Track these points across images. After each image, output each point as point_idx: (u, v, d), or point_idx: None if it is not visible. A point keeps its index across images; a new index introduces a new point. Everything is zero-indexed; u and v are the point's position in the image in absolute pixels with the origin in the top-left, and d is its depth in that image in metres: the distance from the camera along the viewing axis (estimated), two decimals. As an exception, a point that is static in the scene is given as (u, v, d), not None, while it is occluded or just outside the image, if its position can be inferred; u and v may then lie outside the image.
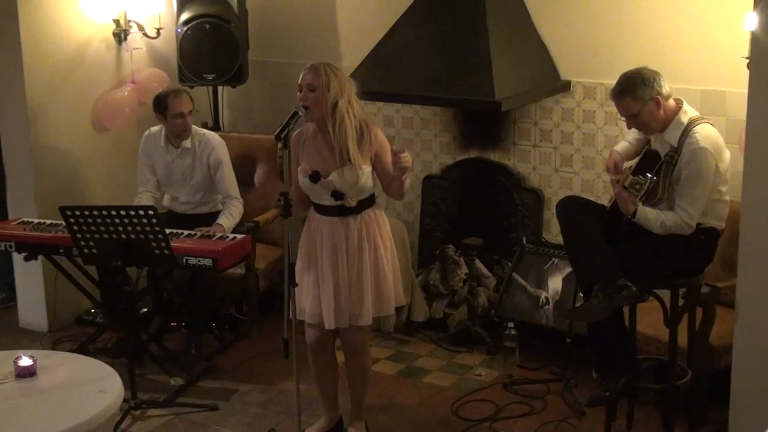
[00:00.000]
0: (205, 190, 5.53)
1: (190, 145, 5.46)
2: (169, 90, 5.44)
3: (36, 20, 5.60)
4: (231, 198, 5.48)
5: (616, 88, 4.17)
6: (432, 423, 4.75)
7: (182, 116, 5.37)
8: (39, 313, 5.88)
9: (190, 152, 5.47)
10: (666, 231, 4.10)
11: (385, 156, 4.27)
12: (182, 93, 5.41)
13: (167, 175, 5.53)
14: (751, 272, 3.84)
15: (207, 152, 5.46)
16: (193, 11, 5.94)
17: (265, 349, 5.52)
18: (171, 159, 5.49)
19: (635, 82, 4.11)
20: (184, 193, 5.54)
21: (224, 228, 5.27)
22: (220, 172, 5.47)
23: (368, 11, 5.97)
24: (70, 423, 3.69)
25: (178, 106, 5.35)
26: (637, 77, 4.12)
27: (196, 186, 5.52)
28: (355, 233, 4.28)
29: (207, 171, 5.48)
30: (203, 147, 5.47)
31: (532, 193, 5.61)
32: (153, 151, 5.53)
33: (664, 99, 4.13)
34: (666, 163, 4.12)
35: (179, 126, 5.39)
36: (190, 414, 4.85)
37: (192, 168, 5.49)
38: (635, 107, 4.13)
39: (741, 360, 3.92)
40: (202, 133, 5.53)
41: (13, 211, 5.82)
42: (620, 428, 4.53)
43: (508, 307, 5.45)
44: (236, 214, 5.43)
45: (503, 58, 5.14)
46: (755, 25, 3.67)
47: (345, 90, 4.19)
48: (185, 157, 5.48)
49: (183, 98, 5.38)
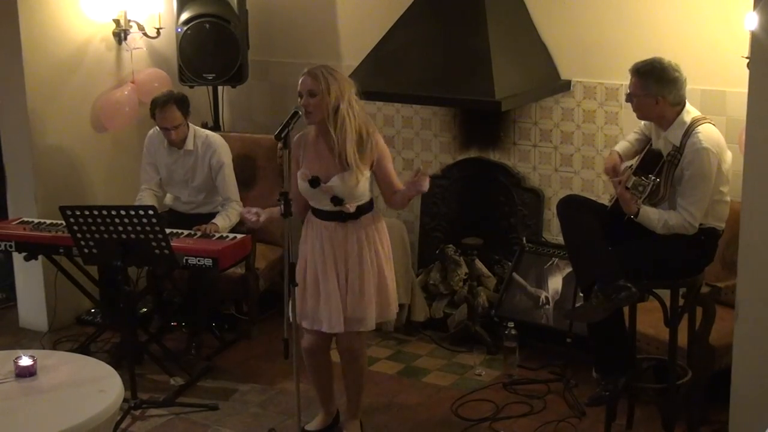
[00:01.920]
0: (207, 191, 5.53)
1: (192, 147, 5.45)
2: (159, 100, 5.33)
3: (36, 20, 5.60)
4: (230, 201, 5.47)
5: (638, 64, 4.19)
6: (432, 423, 4.75)
7: (166, 130, 5.34)
8: (39, 313, 5.88)
9: (192, 154, 5.47)
10: (669, 231, 4.10)
11: (385, 163, 4.27)
12: (169, 107, 5.29)
13: (169, 175, 5.53)
14: (751, 272, 3.84)
15: (209, 154, 5.45)
16: (193, 11, 5.94)
17: (265, 349, 5.52)
18: (173, 160, 5.49)
19: (653, 73, 4.12)
20: (186, 193, 5.54)
21: (218, 228, 5.26)
22: (221, 175, 5.46)
23: (368, 11, 5.97)
24: (70, 423, 3.70)
25: (162, 120, 5.32)
26: (658, 71, 4.12)
27: (197, 187, 5.52)
28: (354, 239, 4.28)
29: (209, 173, 5.48)
30: (205, 149, 5.46)
31: (532, 193, 5.61)
32: (156, 151, 5.53)
33: (665, 103, 4.12)
34: (668, 162, 4.12)
35: (166, 136, 5.39)
36: (190, 414, 4.85)
37: (194, 170, 5.48)
38: (637, 90, 4.15)
39: (741, 360, 3.92)
40: (204, 135, 5.51)
41: (13, 211, 5.82)
42: (620, 428, 4.54)
43: (508, 307, 5.45)
44: (233, 216, 5.41)
45: (503, 58, 5.14)
46: (755, 25, 3.68)
47: (345, 92, 4.18)
48: (187, 159, 5.47)
49: (169, 113, 5.29)
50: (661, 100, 4.11)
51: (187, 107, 5.40)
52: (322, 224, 4.31)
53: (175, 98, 5.35)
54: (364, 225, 4.30)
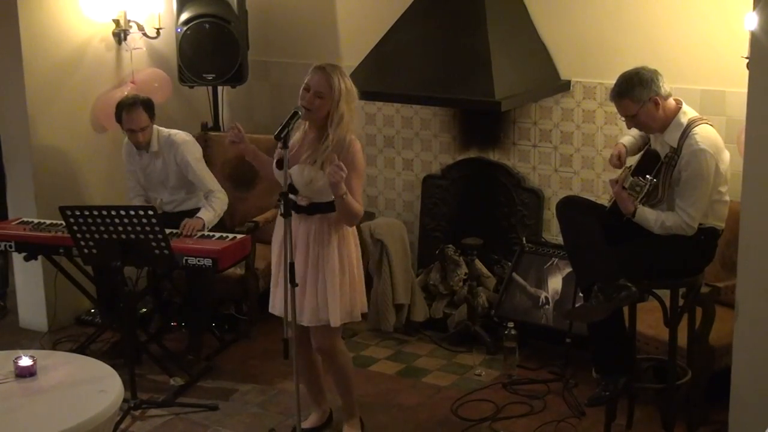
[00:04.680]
0: (186, 188, 5.48)
1: (156, 148, 5.41)
2: (125, 102, 5.31)
3: (36, 20, 5.60)
4: (211, 192, 5.42)
5: (614, 90, 4.17)
6: (432, 423, 4.75)
7: (133, 132, 5.31)
8: (39, 313, 5.87)
9: (159, 155, 5.43)
10: (666, 232, 4.10)
11: (352, 176, 4.09)
12: (136, 108, 5.27)
13: (147, 179, 5.50)
14: (751, 272, 3.84)
15: (172, 153, 5.39)
16: (193, 11, 5.94)
17: (265, 349, 5.52)
18: (146, 163, 5.46)
19: (633, 83, 4.11)
20: (166, 193, 5.50)
21: (204, 221, 5.24)
22: (191, 171, 5.40)
23: (368, 11, 5.97)
24: (70, 423, 3.70)
25: (128, 121, 5.29)
26: (635, 78, 4.12)
27: (174, 186, 5.47)
28: (307, 234, 4.21)
29: (178, 170, 5.45)
30: (168, 149, 5.40)
31: (532, 193, 5.61)
32: (131, 158, 5.51)
33: (662, 99, 4.12)
34: (666, 164, 4.12)
35: (132, 139, 5.36)
36: (190, 414, 4.85)
37: (165, 171, 5.44)
38: (634, 108, 4.12)
39: (741, 360, 3.92)
40: (166, 135, 5.43)
41: (13, 211, 5.82)
42: (620, 428, 4.54)
43: (508, 307, 5.45)
44: (218, 206, 5.37)
45: (503, 58, 5.15)
46: (755, 25, 3.68)
47: (351, 103, 4.15)
48: (156, 161, 5.44)
49: (135, 115, 5.26)
50: (659, 99, 4.11)
51: (153, 110, 5.37)
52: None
53: (142, 101, 5.32)
54: (320, 223, 4.21)
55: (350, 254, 4.29)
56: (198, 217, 5.27)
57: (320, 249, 4.22)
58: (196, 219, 5.24)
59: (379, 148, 6.07)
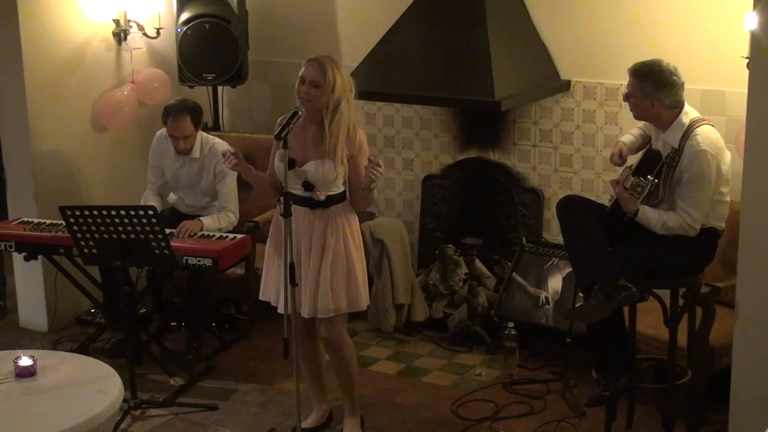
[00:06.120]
0: (211, 196, 5.50)
1: (198, 154, 5.42)
2: (173, 109, 5.32)
3: (36, 20, 5.60)
4: (226, 210, 5.43)
5: (636, 65, 4.19)
6: (432, 423, 4.75)
7: (176, 138, 5.33)
8: (39, 313, 5.87)
9: (198, 161, 5.45)
10: (668, 232, 4.10)
11: (360, 159, 4.25)
12: (182, 116, 5.28)
13: (175, 179, 5.50)
14: (751, 272, 3.84)
15: (214, 162, 5.40)
16: (193, 11, 5.94)
17: (265, 349, 5.52)
18: (179, 165, 5.46)
19: (649, 76, 4.12)
20: (191, 196, 5.52)
21: (203, 225, 5.23)
22: (223, 183, 5.42)
23: (368, 11, 5.97)
24: (70, 423, 3.70)
25: (173, 129, 5.31)
26: (655, 74, 4.12)
27: (203, 191, 5.49)
28: (321, 227, 4.26)
29: (213, 179, 5.46)
30: (210, 157, 5.41)
31: (532, 193, 5.62)
32: (163, 155, 5.50)
33: (661, 106, 4.12)
34: (667, 164, 4.12)
35: (174, 144, 5.37)
36: (190, 414, 4.85)
37: (199, 176, 5.45)
38: (633, 92, 4.16)
39: (741, 360, 3.92)
40: (211, 143, 5.45)
41: (13, 211, 5.82)
42: (620, 428, 4.54)
43: (508, 307, 5.45)
44: (224, 222, 5.37)
45: (503, 58, 5.15)
46: (755, 25, 3.67)
47: (347, 89, 4.20)
48: (193, 166, 5.45)
49: (181, 123, 5.28)
50: (657, 103, 4.11)
51: (200, 118, 5.40)
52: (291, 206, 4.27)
53: (190, 109, 5.33)
54: (333, 214, 4.28)
55: (357, 242, 4.37)
56: (199, 219, 5.27)
57: (332, 238, 4.26)
58: (195, 221, 5.24)
59: (379, 147, 6.07)
